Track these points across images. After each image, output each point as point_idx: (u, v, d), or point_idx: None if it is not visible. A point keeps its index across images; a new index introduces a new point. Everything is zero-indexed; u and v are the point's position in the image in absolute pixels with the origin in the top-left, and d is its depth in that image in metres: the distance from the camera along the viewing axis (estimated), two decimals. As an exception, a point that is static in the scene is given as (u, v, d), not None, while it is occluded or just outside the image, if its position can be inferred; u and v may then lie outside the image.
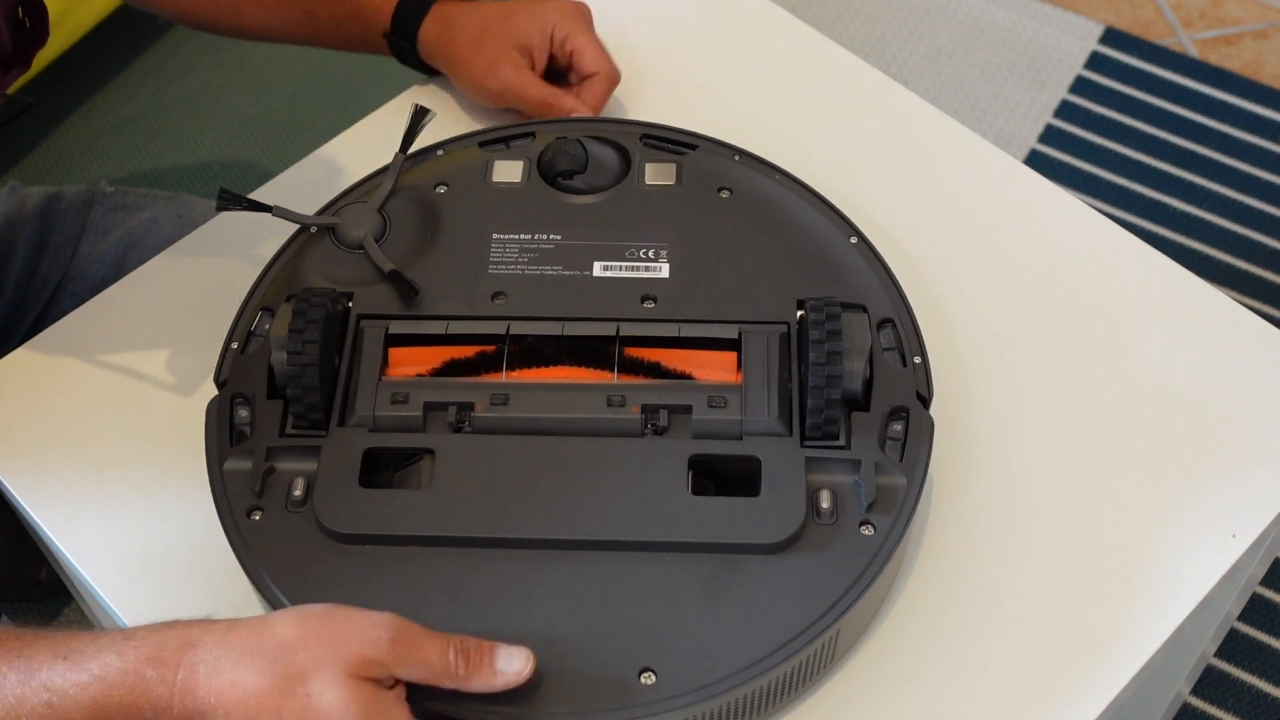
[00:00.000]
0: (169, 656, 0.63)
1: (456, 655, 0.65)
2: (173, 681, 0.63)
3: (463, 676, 0.65)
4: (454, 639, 0.66)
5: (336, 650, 0.63)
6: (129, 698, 0.63)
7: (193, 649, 0.63)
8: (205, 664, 0.63)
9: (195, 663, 0.63)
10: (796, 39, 1.05)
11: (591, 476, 0.74)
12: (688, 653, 0.69)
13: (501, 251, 0.83)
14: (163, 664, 0.63)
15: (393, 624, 0.64)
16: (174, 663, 0.63)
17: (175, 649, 0.63)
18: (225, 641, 0.63)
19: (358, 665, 0.63)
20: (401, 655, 0.64)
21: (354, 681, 0.62)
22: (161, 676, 0.63)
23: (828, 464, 0.74)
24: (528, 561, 0.72)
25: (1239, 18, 2.01)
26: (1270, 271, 1.75)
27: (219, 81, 1.93)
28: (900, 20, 2.01)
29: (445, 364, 0.78)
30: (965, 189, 0.95)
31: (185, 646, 0.63)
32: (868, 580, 0.71)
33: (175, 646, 0.63)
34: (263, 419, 0.76)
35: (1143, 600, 0.78)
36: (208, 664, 0.63)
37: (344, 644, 0.63)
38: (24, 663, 0.64)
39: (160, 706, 0.63)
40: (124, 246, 1.05)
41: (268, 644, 0.63)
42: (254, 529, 0.73)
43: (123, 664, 0.63)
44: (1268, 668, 1.44)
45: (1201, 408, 0.85)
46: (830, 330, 0.75)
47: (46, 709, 0.63)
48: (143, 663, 0.63)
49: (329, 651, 0.63)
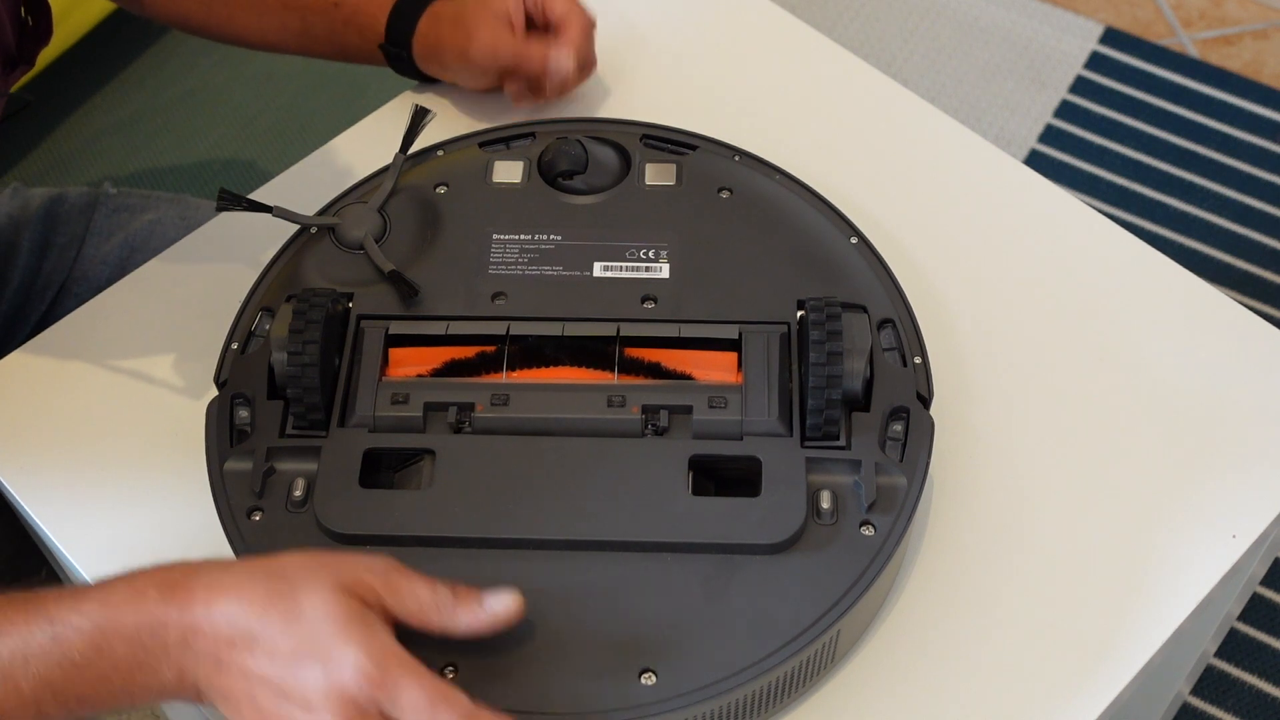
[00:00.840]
0: (175, 579, 0.65)
1: (446, 592, 0.66)
2: (170, 599, 0.64)
3: (449, 610, 0.66)
4: (445, 581, 0.67)
5: (331, 568, 0.65)
6: (130, 619, 0.64)
7: (197, 573, 0.65)
8: (205, 583, 0.64)
9: (195, 584, 0.64)
10: (796, 39, 1.05)
11: (592, 477, 0.74)
12: (688, 653, 0.69)
13: (502, 252, 0.83)
14: (168, 586, 0.64)
15: (389, 562, 0.66)
16: (177, 585, 0.64)
17: (182, 574, 0.65)
18: (229, 565, 0.66)
19: (350, 581, 0.64)
20: (393, 585, 0.65)
21: (342, 592, 0.64)
22: (163, 596, 0.64)
23: (828, 464, 0.74)
24: (528, 562, 0.72)
25: (1239, 18, 2.01)
26: (1270, 271, 1.75)
27: (219, 81, 1.93)
28: (900, 20, 2.01)
29: (445, 364, 0.78)
30: (965, 189, 0.95)
31: (190, 573, 0.65)
32: (868, 580, 0.71)
33: (182, 573, 0.65)
34: (263, 419, 0.76)
35: (1143, 600, 0.78)
36: (207, 583, 0.64)
37: (340, 564, 0.65)
38: (35, 604, 0.65)
39: (157, 626, 0.64)
40: (128, 248, 1.05)
41: (269, 565, 0.65)
42: (254, 529, 0.73)
43: (129, 588, 0.65)
44: (1268, 668, 1.44)
45: (1201, 407, 0.85)
46: (830, 331, 0.75)
47: (51, 643, 0.64)
48: (148, 585, 0.65)
49: (325, 569, 0.65)
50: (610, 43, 1.00)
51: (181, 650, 0.64)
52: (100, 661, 0.64)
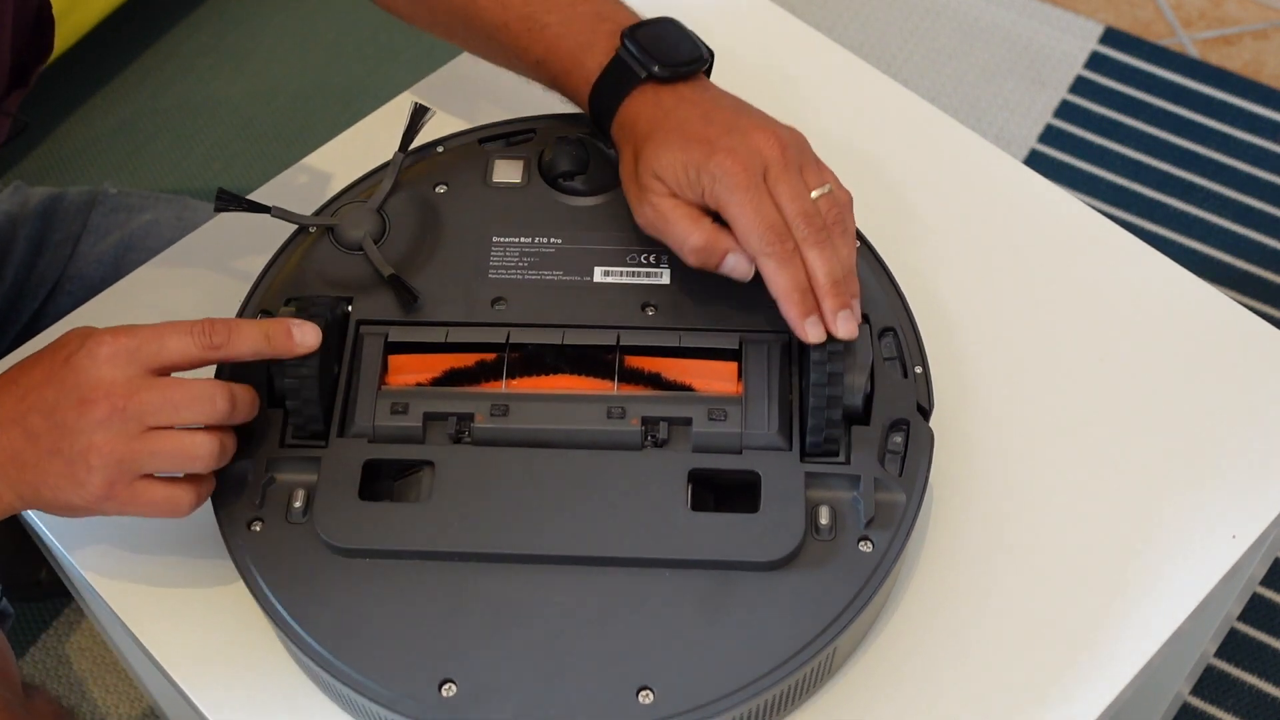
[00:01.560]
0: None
1: (201, 329, 0.70)
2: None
3: (218, 344, 0.71)
4: (197, 322, 0.71)
5: (98, 333, 0.70)
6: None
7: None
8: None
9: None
10: (796, 39, 1.05)
11: (591, 491, 0.73)
12: (686, 671, 0.69)
13: (502, 255, 0.83)
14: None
15: (141, 327, 0.70)
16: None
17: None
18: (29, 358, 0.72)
19: (110, 334, 0.69)
20: (147, 336, 0.69)
21: (107, 340, 0.69)
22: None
23: (827, 479, 0.74)
24: (526, 577, 0.71)
25: (1239, 18, 2.01)
26: (1270, 271, 1.75)
27: (219, 81, 1.93)
28: (900, 20, 2.00)
29: (445, 372, 0.78)
30: (965, 189, 0.95)
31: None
32: (866, 597, 0.71)
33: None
34: (262, 429, 0.76)
35: (1143, 600, 0.78)
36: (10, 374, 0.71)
37: (104, 330, 0.70)
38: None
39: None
40: (123, 247, 1.05)
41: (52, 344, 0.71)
42: (254, 540, 0.73)
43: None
44: (1268, 668, 1.44)
45: (1201, 408, 0.85)
46: (832, 351, 0.73)
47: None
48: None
49: (93, 333, 0.70)
50: (610, 43, 1.00)
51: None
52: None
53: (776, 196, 0.73)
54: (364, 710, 0.71)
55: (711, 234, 0.74)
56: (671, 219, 0.75)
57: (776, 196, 0.73)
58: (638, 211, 0.78)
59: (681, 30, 0.82)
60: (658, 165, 0.75)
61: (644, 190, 0.76)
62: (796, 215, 0.73)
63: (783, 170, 0.74)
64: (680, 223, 0.75)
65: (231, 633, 0.77)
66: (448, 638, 0.70)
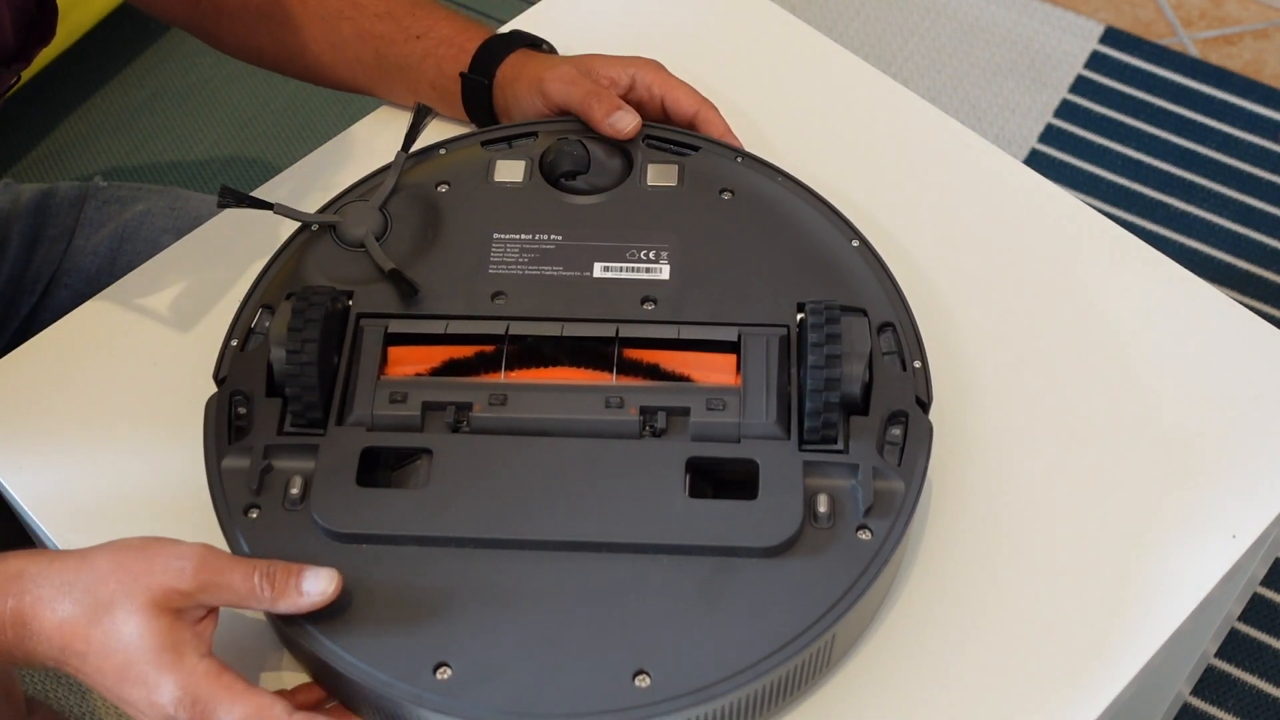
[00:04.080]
0: (2, 585, 0.68)
1: (261, 578, 0.69)
2: (2, 609, 0.67)
3: (269, 598, 0.69)
4: (260, 563, 0.69)
5: (141, 582, 0.67)
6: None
7: (19, 579, 0.68)
8: (30, 593, 0.67)
9: (22, 592, 0.67)
10: (796, 39, 1.05)
11: (589, 478, 0.74)
12: (683, 656, 0.69)
13: (502, 251, 0.83)
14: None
15: (198, 553, 0.68)
16: (3, 591, 0.67)
17: (4, 579, 0.68)
18: (47, 573, 0.68)
19: (160, 596, 0.67)
20: (205, 582, 0.67)
21: (154, 612, 0.66)
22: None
23: (825, 468, 0.74)
24: (524, 562, 0.72)
25: (1239, 17, 2.01)
26: (1270, 271, 1.75)
27: (219, 80, 1.93)
28: (900, 20, 2.01)
29: (444, 363, 0.78)
30: (965, 189, 0.95)
31: (13, 577, 0.68)
32: (864, 585, 0.71)
33: (5, 576, 0.68)
34: (261, 417, 0.76)
35: (1143, 600, 0.78)
36: (33, 593, 0.67)
37: (150, 575, 0.67)
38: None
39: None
40: (118, 239, 1.05)
41: (84, 576, 0.67)
42: (251, 527, 0.73)
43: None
44: (1268, 668, 1.44)
45: (1201, 408, 0.85)
46: (830, 334, 0.74)
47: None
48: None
49: (135, 583, 0.67)
50: (612, 44, 1.00)
51: (26, 646, 0.68)
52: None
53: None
54: (359, 693, 0.71)
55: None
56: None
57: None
58: (558, 72, 0.90)
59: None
60: (591, 66, 0.90)
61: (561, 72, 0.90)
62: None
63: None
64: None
65: (226, 619, 0.77)
66: (443, 622, 0.70)
